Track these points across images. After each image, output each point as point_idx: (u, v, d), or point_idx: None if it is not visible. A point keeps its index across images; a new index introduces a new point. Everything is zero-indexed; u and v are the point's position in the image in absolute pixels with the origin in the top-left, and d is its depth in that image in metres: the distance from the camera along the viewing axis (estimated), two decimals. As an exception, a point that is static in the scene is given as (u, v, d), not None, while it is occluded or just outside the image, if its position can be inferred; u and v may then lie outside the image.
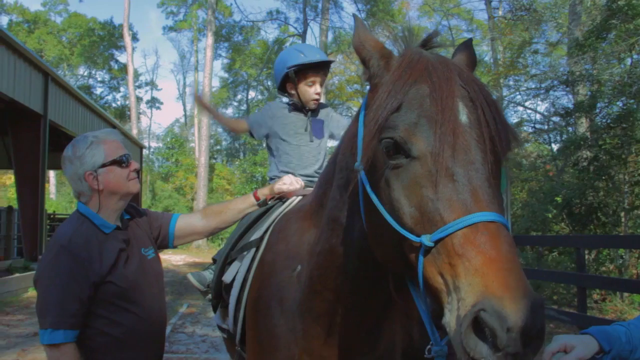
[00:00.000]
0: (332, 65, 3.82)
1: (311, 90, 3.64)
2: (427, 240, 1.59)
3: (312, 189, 3.25)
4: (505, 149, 1.74)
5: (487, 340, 1.40)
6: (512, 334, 1.35)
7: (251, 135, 3.91)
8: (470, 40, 2.20)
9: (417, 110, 1.72)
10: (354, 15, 2.18)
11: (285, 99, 3.88)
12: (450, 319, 1.51)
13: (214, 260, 3.59)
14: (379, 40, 2.04)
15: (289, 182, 3.31)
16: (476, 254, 1.48)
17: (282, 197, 3.33)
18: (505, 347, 1.36)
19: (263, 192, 3.34)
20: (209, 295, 3.51)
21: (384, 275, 2.09)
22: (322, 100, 3.92)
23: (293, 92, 3.69)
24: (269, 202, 3.34)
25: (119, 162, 2.82)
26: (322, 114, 3.88)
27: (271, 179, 3.77)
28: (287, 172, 3.60)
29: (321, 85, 3.69)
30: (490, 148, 1.68)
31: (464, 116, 1.71)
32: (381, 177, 1.78)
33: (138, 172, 2.95)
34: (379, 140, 1.77)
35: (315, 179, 3.55)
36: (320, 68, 3.66)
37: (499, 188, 1.72)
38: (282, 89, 3.78)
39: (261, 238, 3.03)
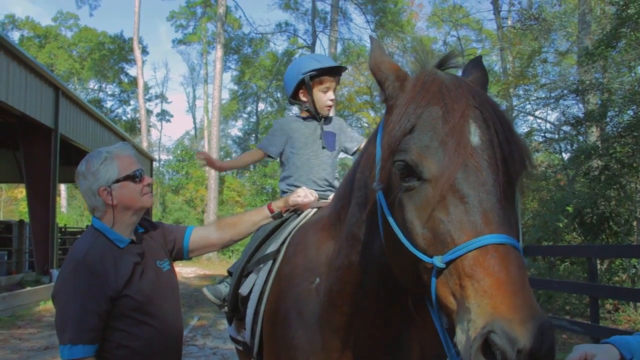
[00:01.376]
0: (341, 76, 3.87)
1: (325, 96, 3.69)
2: (438, 261, 1.62)
3: (326, 201, 3.27)
4: (518, 170, 1.75)
5: None
6: (522, 355, 1.37)
7: (270, 157, 3.95)
8: (480, 57, 2.20)
9: (429, 132, 1.73)
10: (370, 37, 2.21)
11: (295, 111, 3.91)
12: (460, 339, 1.54)
13: (229, 273, 3.58)
14: (395, 62, 2.06)
15: (304, 195, 3.32)
16: (485, 276, 1.52)
17: (296, 210, 3.33)
18: None
19: (277, 205, 3.36)
20: (225, 308, 3.51)
21: (403, 291, 2.10)
22: (332, 112, 3.95)
23: (306, 99, 3.73)
24: (284, 215, 3.35)
25: (133, 177, 2.85)
26: (335, 125, 3.92)
27: (282, 192, 3.79)
28: (296, 186, 3.62)
29: (334, 91, 3.74)
30: (503, 169, 1.69)
31: (476, 138, 1.72)
32: (396, 198, 1.80)
33: (151, 186, 2.99)
34: (392, 162, 1.79)
35: (325, 190, 3.59)
36: (335, 74, 3.73)
37: (513, 209, 1.72)
38: (294, 96, 3.81)
39: (278, 250, 3.04)
